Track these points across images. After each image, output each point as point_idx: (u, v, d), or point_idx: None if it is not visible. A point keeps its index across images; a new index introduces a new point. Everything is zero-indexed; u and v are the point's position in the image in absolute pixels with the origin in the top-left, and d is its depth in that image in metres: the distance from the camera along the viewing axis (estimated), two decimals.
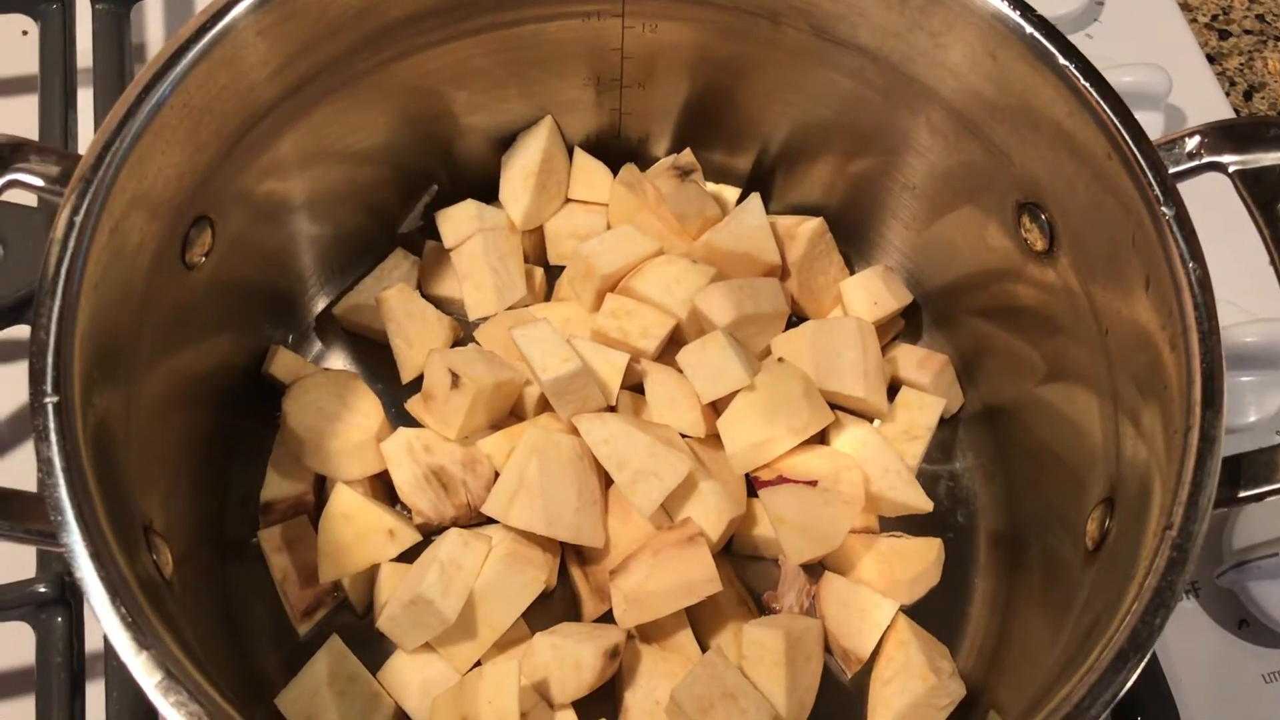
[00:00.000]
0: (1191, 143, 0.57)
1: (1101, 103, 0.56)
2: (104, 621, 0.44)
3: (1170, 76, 0.89)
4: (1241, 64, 1.03)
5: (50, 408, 0.47)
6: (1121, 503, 0.56)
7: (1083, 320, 0.61)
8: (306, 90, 0.64)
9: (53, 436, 0.47)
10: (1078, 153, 0.58)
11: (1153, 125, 0.91)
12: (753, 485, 0.69)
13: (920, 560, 0.69)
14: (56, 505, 0.45)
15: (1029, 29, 0.58)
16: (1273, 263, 0.55)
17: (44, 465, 0.46)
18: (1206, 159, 0.57)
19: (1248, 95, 1.01)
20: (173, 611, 0.50)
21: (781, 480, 0.68)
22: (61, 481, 0.46)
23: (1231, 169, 0.57)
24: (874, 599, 0.68)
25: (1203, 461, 0.48)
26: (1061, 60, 0.57)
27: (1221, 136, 0.57)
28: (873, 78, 0.67)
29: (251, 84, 0.60)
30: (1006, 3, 0.58)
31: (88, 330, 0.50)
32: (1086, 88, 0.56)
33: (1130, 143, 0.55)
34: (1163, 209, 0.53)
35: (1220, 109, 0.96)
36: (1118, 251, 0.56)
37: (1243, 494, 0.51)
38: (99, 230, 0.51)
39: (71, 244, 0.50)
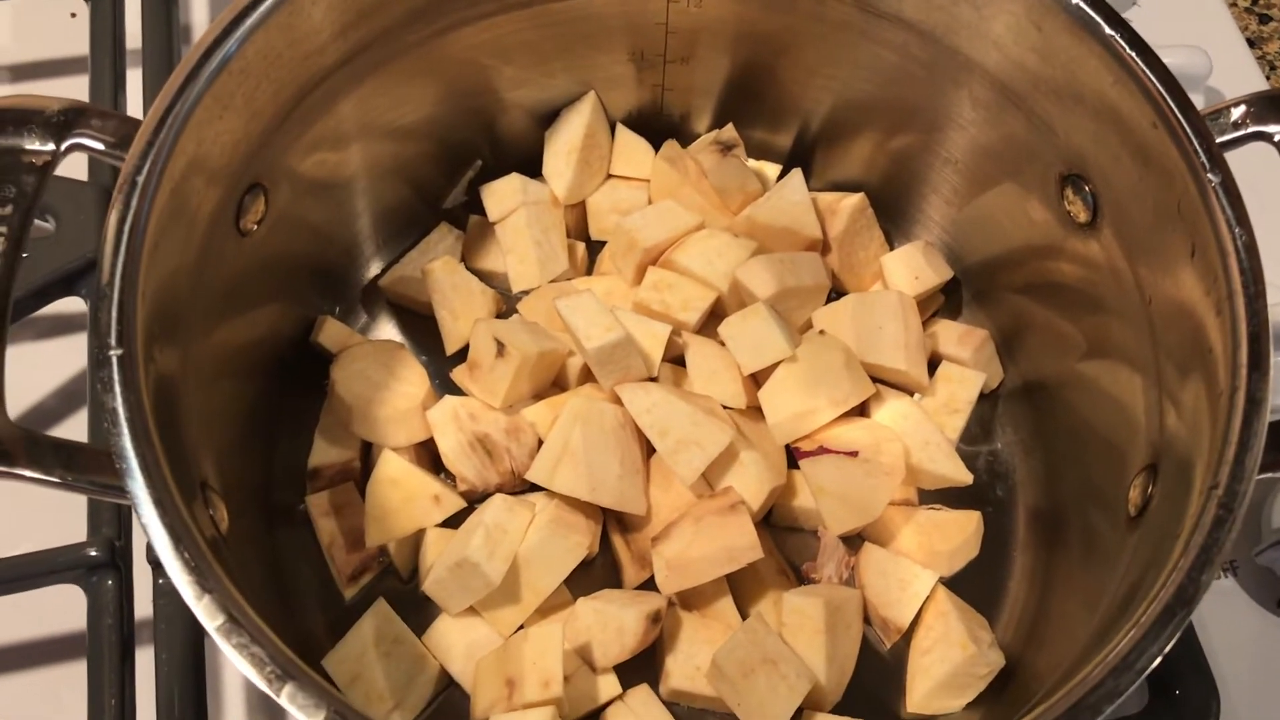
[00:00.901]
0: (1237, 112, 0.57)
1: (1148, 71, 0.56)
2: (167, 566, 0.45)
3: (1211, 59, 0.89)
4: None
5: (115, 360, 0.48)
6: (1165, 469, 0.56)
7: (1125, 292, 0.62)
8: (358, 60, 0.65)
9: (117, 389, 0.48)
10: (1123, 123, 0.58)
11: None
12: (793, 456, 0.69)
13: (959, 533, 0.70)
14: (121, 454, 0.47)
15: None
16: None
17: (109, 416, 0.47)
18: (1252, 128, 0.57)
19: None
20: (230, 564, 0.52)
21: (823, 451, 0.68)
22: (125, 431, 0.47)
23: (1277, 138, 0.57)
24: (913, 569, 0.68)
25: (1249, 422, 0.48)
26: (1108, 30, 0.57)
27: (1267, 106, 0.57)
28: (916, 51, 0.67)
29: (307, 52, 0.61)
30: None
31: (149, 288, 0.52)
32: (1132, 57, 0.56)
33: (1176, 111, 0.55)
34: (1209, 175, 0.54)
35: None
36: (1162, 221, 0.57)
37: None
38: (160, 191, 0.52)
39: (135, 203, 0.51)
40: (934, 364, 0.76)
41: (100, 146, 0.55)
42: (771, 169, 0.80)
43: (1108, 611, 0.56)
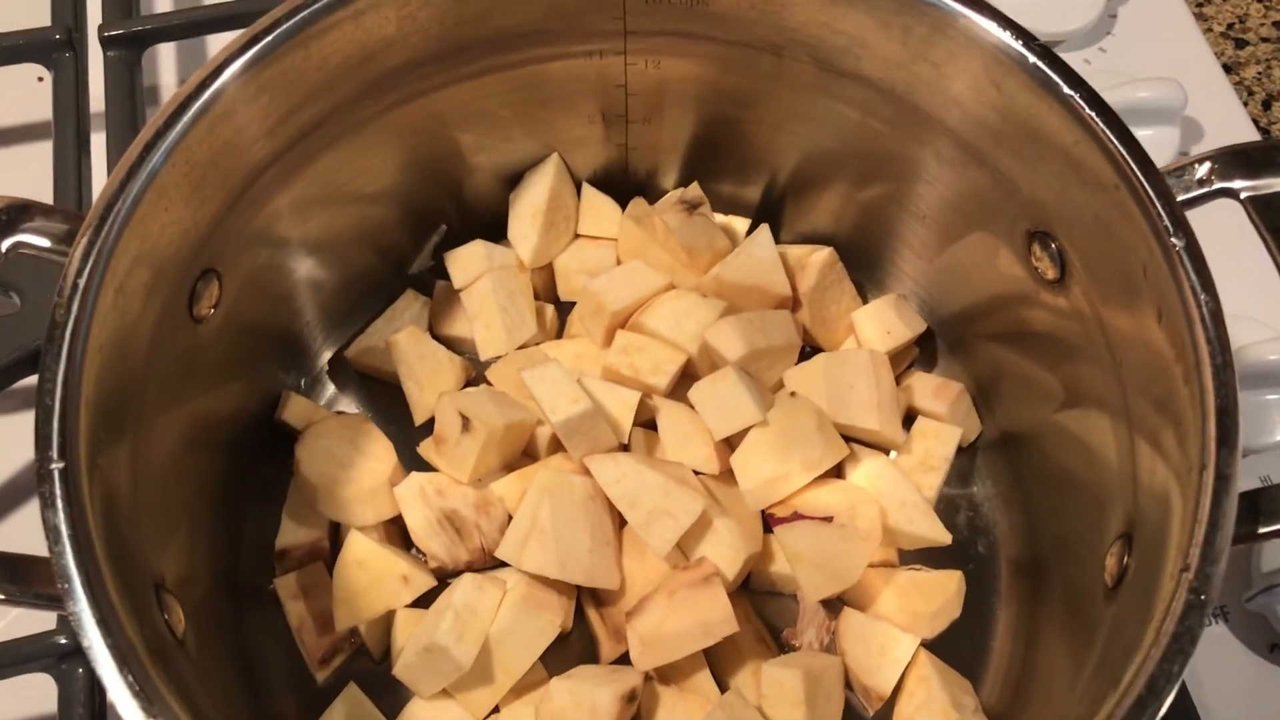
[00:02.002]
0: (1202, 169, 0.56)
1: (1108, 131, 0.55)
2: (111, 690, 0.44)
3: (1185, 90, 0.88)
4: (1259, 73, 1.01)
5: (56, 474, 0.47)
6: (1140, 539, 0.55)
7: (1097, 348, 0.61)
8: (311, 139, 0.64)
9: (59, 504, 0.47)
10: (1085, 182, 0.57)
11: (1169, 139, 0.90)
12: (768, 522, 0.68)
13: (941, 593, 0.69)
14: (64, 573, 0.46)
15: (1032, 59, 0.57)
16: None
17: (51, 533, 0.46)
18: (1218, 185, 0.56)
19: (1266, 104, 1.00)
20: (183, 672, 0.51)
21: (797, 517, 0.67)
22: (68, 549, 0.46)
23: (1243, 195, 0.56)
24: (894, 634, 0.67)
25: (1219, 501, 0.47)
26: (1066, 90, 0.56)
27: (1232, 162, 0.56)
28: (878, 108, 0.66)
29: (254, 137, 0.60)
30: (1009, 33, 0.58)
31: (93, 392, 0.51)
32: (1092, 117, 0.55)
33: (1138, 172, 0.54)
34: (1172, 240, 0.52)
35: (1238, 120, 0.95)
36: (1130, 282, 0.56)
37: (1263, 529, 0.50)
38: (103, 292, 0.51)
39: (75, 308, 0.50)
40: (912, 417, 0.75)
41: (45, 244, 0.54)
42: (740, 223, 0.79)
43: (1091, 682, 0.55)
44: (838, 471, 0.70)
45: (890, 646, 0.67)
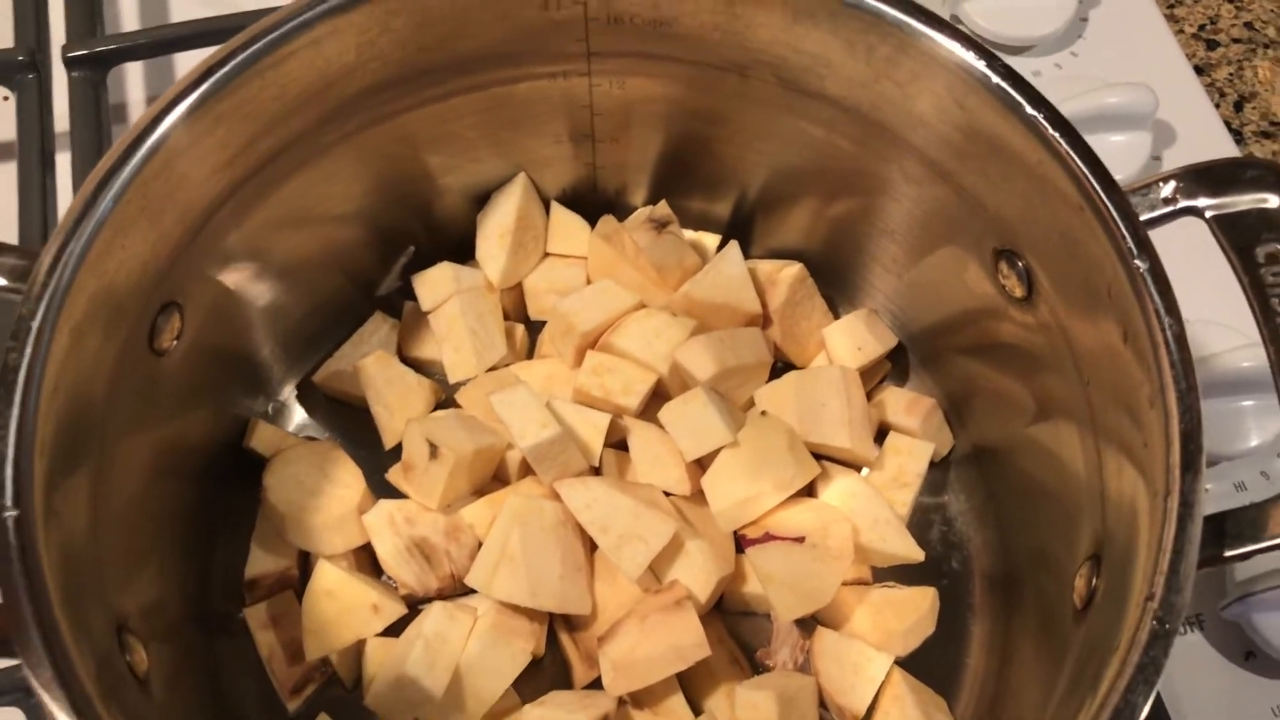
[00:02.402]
0: (1166, 188, 0.56)
1: (1071, 153, 0.55)
2: None
3: (1156, 95, 0.88)
4: (1231, 74, 1.01)
5: (10, 522, 0.47)
6: (1108, 560, 0.54)
7: (1065, 365, 0.60)
8: (272, 167, 0.63)
9: (13, 554, 0.46)
10: (1050, 201, 0.57)
11: (1141, 144, 0.90)
12: (740, 543, 0.68)
13: (914, 610, 0.68)
14: (19, 625, 0.45)
15: (995, 79, 0.57)
16: (1252, 309, 0.53)
17: (5, 585, 0.46)
18: (1182, 204, 0.56)
19: (1238, 106, 0.99)
20: (143, 714, 0.50)
21: (769, 538, 0.67)
22: (24, 599, 0.45)
23: (1208, 214, 0.55)
24: (867, 653, 0.67)
25: (1183, 527, 0.47)
26: (1029, 110, 0.56)
27: (1196, 180, 0.56)
28: (844, 126, 0.66)
29: (213, 168, 0.59)
30: (972, 53, 0.57)
31: (49, 435, 0.50)
32: (1055, 137, 0.55)
33: (1101, 193, 0.54)
34: (1136, 261, 0.52)
35: (1211, 122, 0.95)
36: (1096, 302, 0.55)
37: (1229, 553, 0.50)
38: (57, 334, 0.51)
39: (29, 350, 0.50)
40: (883, 432, 0.74)
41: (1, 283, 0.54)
42: (711, 239, 0.79)
43: (1059, 702, 0.55)
44: (810, 490, 0.70)
45: (864, 665, 0.67)
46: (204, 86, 0.56)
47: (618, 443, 0.72)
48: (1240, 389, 0.79)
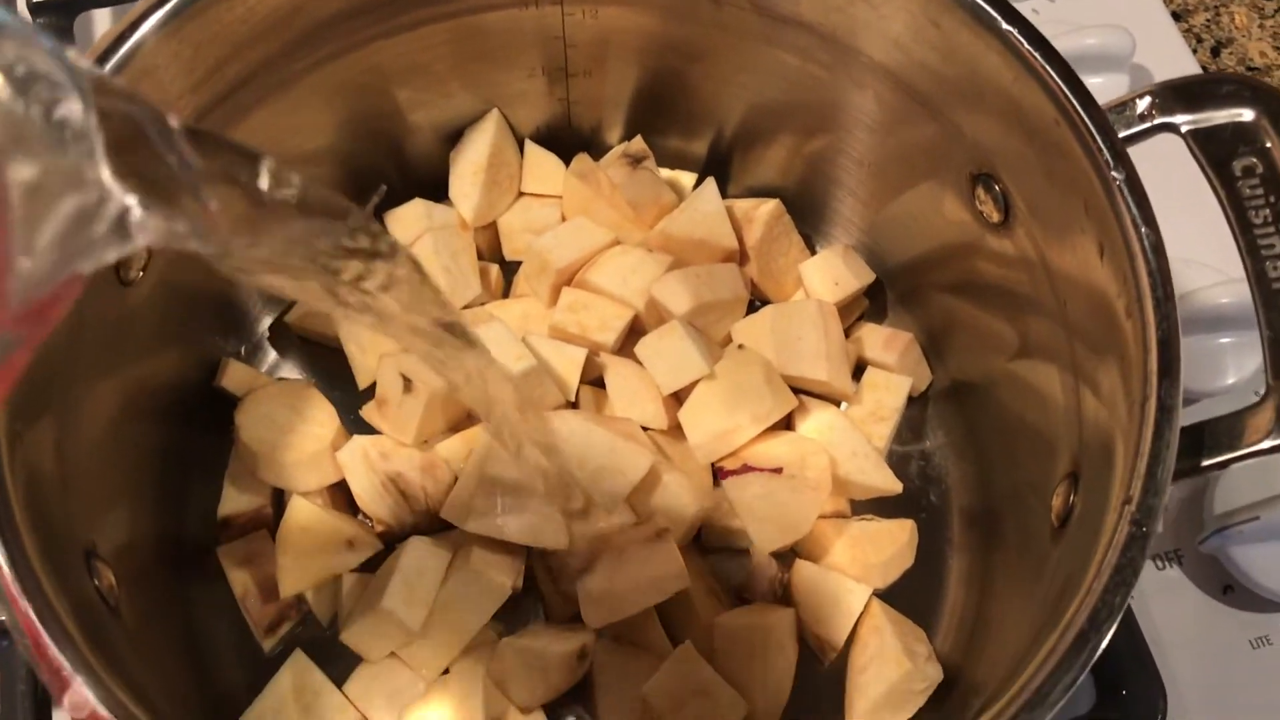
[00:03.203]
0: (1143, 104, 0.56)
1: (1047, 67, 0.54)
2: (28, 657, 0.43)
3: (1133, 37, 0.88)
4: (1208, 19, 1.01)
5: None
6: (1085, 477, 0.54)
7: (1042, 292, 0.60)
8: (240, 95, 0.62)
9: None
10: (1026, 120, 0.56)
11: (1118, 87, 0.89)
12: (718, 475, 0.67)
13: (892, 543, 0.68)
14: None
15: None
16: (1229, 222, 0.53)
17: None
18: (1159, 120, 0.55)
19: (1215, 51, 0.99)
20: (115, 639, 0.49)
21: (746, 469, 0.66)
22: None
23: (1184, 129, 0.55)
24: (846, 585, 0.67)
25: (1160, 432, 0.47)
26: (1005, 25, 0.55)
27: (1173, 96, 0.55)
28: (818, 54, 0.65)
29: (178, 92, 0.58)
30: None
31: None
32: (1031, 53, 0.54)
33: (1078, 107, 0.53)
34: (1113, 174, 0.52)
35: (1188, 67, 0.94)
36: (1071, 220, 0.55)
37: (1206, 462, 0.50)
38: None
39: None
40: (862, 369, 0.74)
41: None
42: (687, 177, 0.78)
43: (1039, 625, 0.54)
44: (788, 424, 0.70)
45: (843, 597, 0.67)
46: (169, 4, 0.55)
47: (595, 379, 0.71)
48: (1219, 326, 0.79)
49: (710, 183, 0.73)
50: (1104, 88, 0.89)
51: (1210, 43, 1.00)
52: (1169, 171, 0.57)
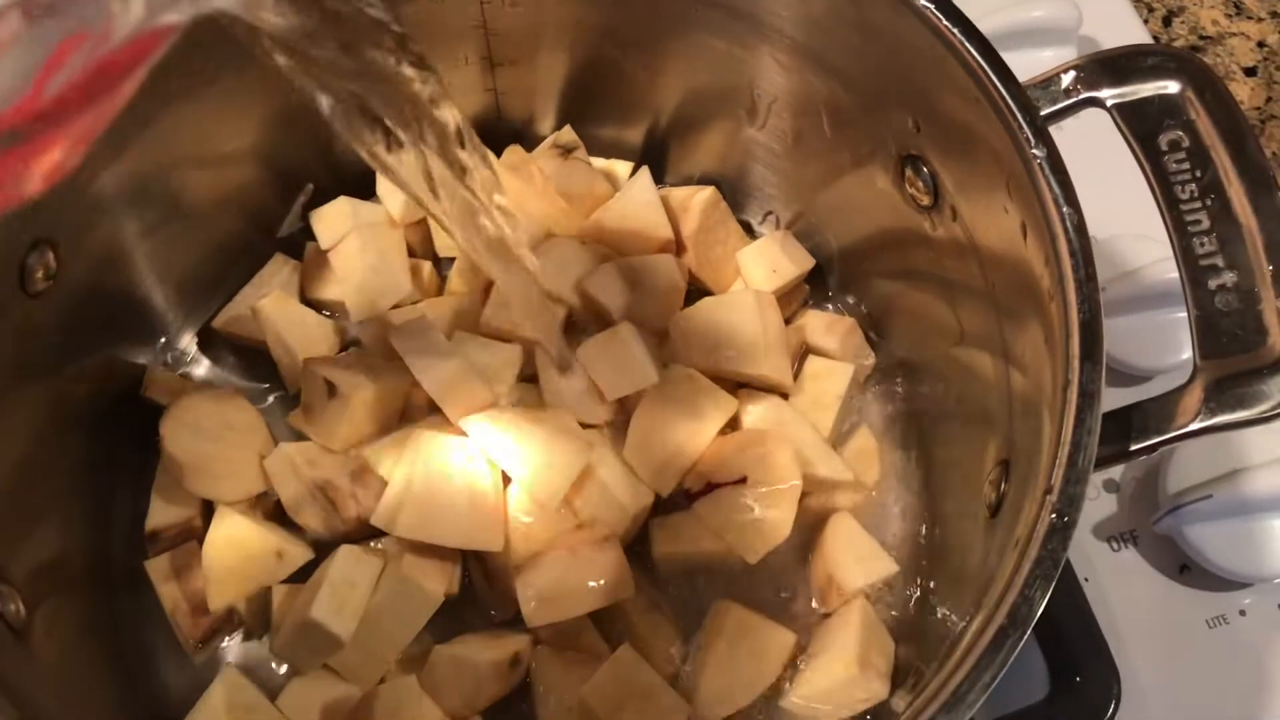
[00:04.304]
0: (1067, 78, 0.54)
1: (966, 44, 0.53)
2: None
3: (1080, 8, 0.86)
4: None
5: None
6: (1016, 465, 0.53)
7: (973, 274, 0.59)
8: (145, 98, 0.60)
9: None
10: (948, 100, 0.55)
11: (1066, 59, 0.87)
12: (685, 498, 0.66)
13: None
14: None
15: None
16: (1155, 196, 0.52)
17: None
18: (1084, 94, 0.54)
19: (1167, 21, 0.98)
20: (17, 667, 0.48)
21: (711, 487, 0.64)
22: None
23: (1110, 103, 0.54)
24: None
25: (1082, 419, 0.45)
26: (922, 2, 0.53)
27: (1098, 70, 0.54)
28: (743, 36, 0.64)
29: None
30: None
31: None
32: (949, 29, 0.53)
33: (997, 84, 0.52)
34: (1033, 151, 0.50)
35: (1138, 37, 0.93)
36: (995, 200, 0.54)
37: (1134, 447, 0.48)
38: None
39: None
40: (808, 354, 0.73)
41: None
42: (623, 167, 0.77)
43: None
44: (734, 424, 0.68)
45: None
46: None
47: (529, 376, 0.70)
48: (1170, 301, 0.78)
49: (644, 172, 0.72)
50: (1052, 61, 0.87)
51: (1162, 12, 0.98)
52: (1119, 144, 0.56)
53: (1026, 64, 0.55)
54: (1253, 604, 0.73)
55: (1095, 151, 0.56)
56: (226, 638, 0.66)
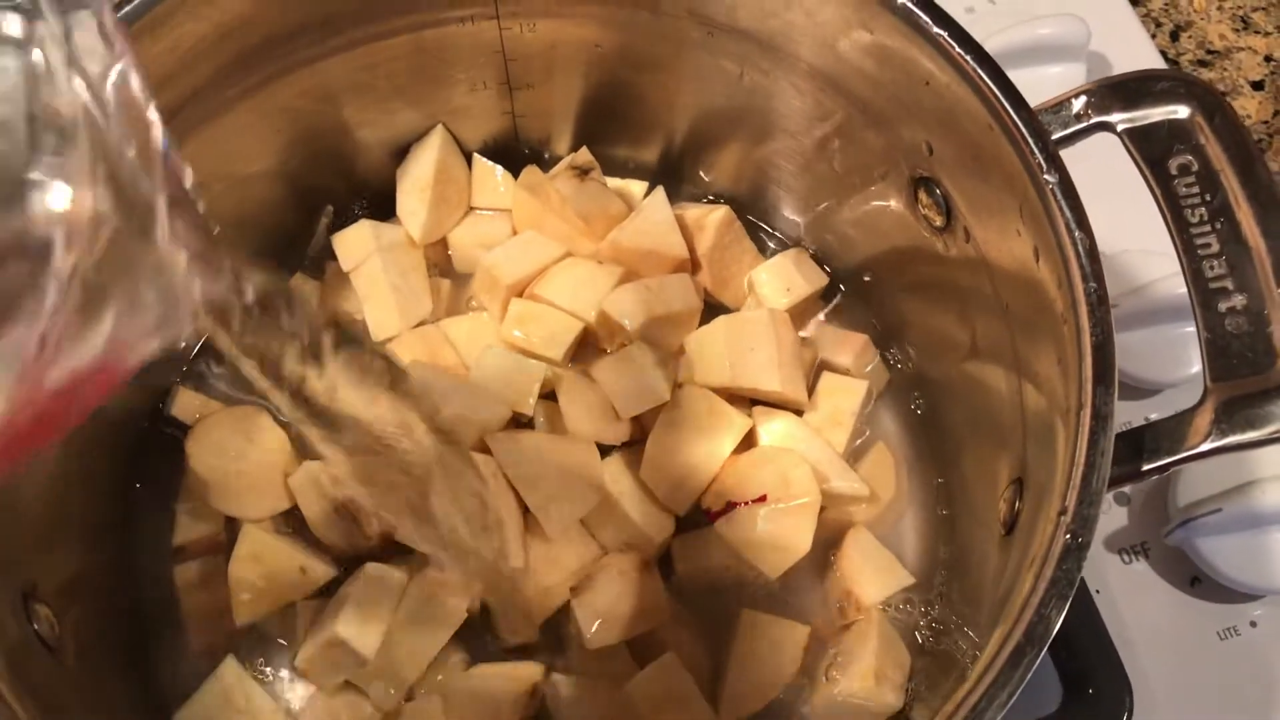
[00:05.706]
0: (1078, 103, 0.55)
1: (979, 70, 0.53)
2: None
3: (1088, 25, 0.87)
4: (1166, 3, 1.00)
5: None
6: (1030, 484, 0.54)
7: (986, 293, 0.60)
8: (178, 120, 0.62)
9: None
10: (960, 124, 0.56)
11: (1076, 76, 0.89)
12: (706, 518, 0.67)
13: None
14: None
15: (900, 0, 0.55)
16: (1166, 223, 0.52)
17: None
18: (1095, 119, 0.55)
19: (1174, 36, 0.98)
20: (53, 683, 0.49)
21: (731, 506, 0.66)
22: None
23: (1120, 128, 0.54)
24: None
25: (1095, 440, 0.46)
26: (935, 29, 0.54)
27: (1109, 95, 0.55)
28: (758, 60, 0.65)
29: None
30: None
31: None
32: (962, 56, 0.54)
33: (1010, 110, 0.53)
34: (1046, 177, 0.51)
35: (1146, 52, 0.94)
36: (1008, 223, 0.55)
37: (1146, 467, 0.49)
38: None
39: None
40: (823, 370, 0.74)
41: None
42: (638, 186, 0.78)
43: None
44: (750, 441, 0.69)
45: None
46: None
47: (548, 394, 0.71)
48: (1179, 315, 0.78)
49: (659, 192, 0.73)
50: (1062, 77, 0.88)
51: (1169, 27, 0.99)
52: (1126, 160, 0.56)
53: (1035, 80, 0.56)
54: (1264, 615, 0.74)
55: (1102, 168, 0.57)
56: (248, 649, 0.67)
